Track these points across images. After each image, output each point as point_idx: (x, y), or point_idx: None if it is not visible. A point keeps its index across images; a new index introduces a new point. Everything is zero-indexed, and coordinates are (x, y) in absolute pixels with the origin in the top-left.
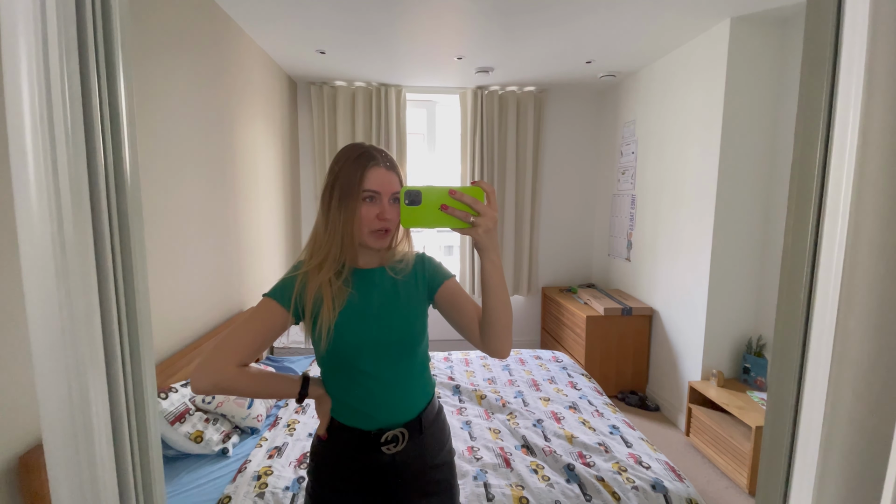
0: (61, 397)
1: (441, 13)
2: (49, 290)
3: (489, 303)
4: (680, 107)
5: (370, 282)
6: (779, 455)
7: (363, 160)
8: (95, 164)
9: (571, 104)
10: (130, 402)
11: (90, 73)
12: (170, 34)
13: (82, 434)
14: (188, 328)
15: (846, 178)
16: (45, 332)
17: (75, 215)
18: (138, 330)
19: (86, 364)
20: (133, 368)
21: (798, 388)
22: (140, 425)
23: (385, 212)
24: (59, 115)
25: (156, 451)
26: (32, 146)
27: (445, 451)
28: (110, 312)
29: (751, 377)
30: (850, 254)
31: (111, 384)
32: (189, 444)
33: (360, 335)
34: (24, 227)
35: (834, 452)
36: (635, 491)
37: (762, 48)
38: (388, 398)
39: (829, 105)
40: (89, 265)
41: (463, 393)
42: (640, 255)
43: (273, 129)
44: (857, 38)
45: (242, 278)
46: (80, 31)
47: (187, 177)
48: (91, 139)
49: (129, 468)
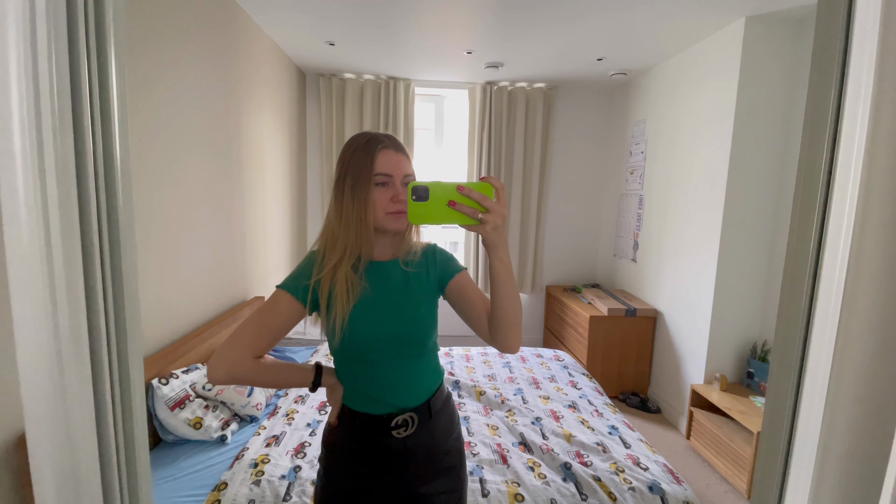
0: (45, 392)
1: (451, 7)
2: (35, 284)
3: (498, 300)
4: (691, 107)
5: (383, 275)
6: (774, 458)
7: (371, 145)
8: (84, 155)
9: (581, 102)
10: (116, 397)
11: (80, 61)
12: (178, 21)
13: (65, 430)
14: (191, 315)
15: (852, 180)
16: (30, 326)
17: (62, 207)
18: (126, 324)
19: (70, 359)
20: (119, 362)
21: (797, 391)
22: (126, 420)
23: (399, 193)
24: (46, 106)
25: (143, 451)
26: (20, 136)
27: (454, 438)
28: (96, 305)
29: (754, 382)
30: (854, 257)
31: (96, 379)
32: (188, 430)
33: (373, 328)
34: (10, 219)
35: (832, 456)
36: (632, 492)
37: (776, 48)
38: (398, 385)
39: (836, 108)
40: (76, 260)
41: (462, 388)
42: (646, 257)
43: (281, 119)
44: (867, 41)
45: (247, 267)
46: (70, 17)
47: (194, 165)
48: (80, 129)
49: (113, 464)
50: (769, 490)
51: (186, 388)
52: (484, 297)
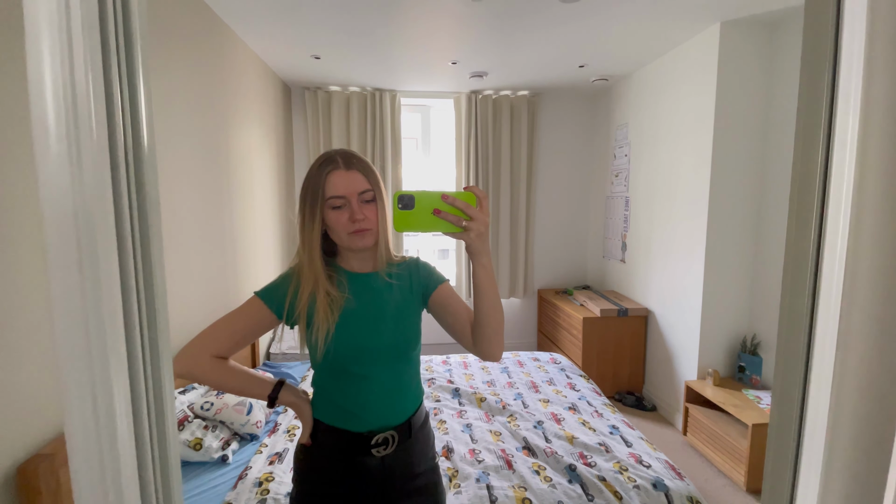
0: (83, 394)
1: (435, 19)
2: (72, 288)
3: (481, 305)
4: (672, 109)
5: (366, 287)
6: (786, 450)
7: (324, 168)
8: (116, 153)
9: (565, 108)
10: (150, 396)
11: (112, 72)
12: (163, 39)
13: (105, 429)
14: (183, 333)
15: (847, 177)
16: (67, 330)
17: (98, 205)
18: (157, 323)
19: (108, 358)
20: (152, 362)
21: (804, 385)
22: (159, 420)
23: (355, 213)
24: (83, 113)
25: (174, 450)
26: (56, 144)
27: (430, 458)
28: (131, 307)
29: (746, 375)
30: (852, 251)
31: (132, 378)
32: (188, 452)
33: (356, 341)
34: (51, 226)
35: (839, 447)
36: (637, 490)
37: (751, 51)
38: (381, 401)
39: (829, 106)
40: (112, 261)
41: (463, 396)
42: (634, 257)
43: (268, 133)
44: (855, 41)
45: (238, 283)
46: (103, 33)
47: (182, 181)
48: (113, 135)
49: (149, 464)
50: (782, 481)
51: (184, 409)
52: (467, 307)
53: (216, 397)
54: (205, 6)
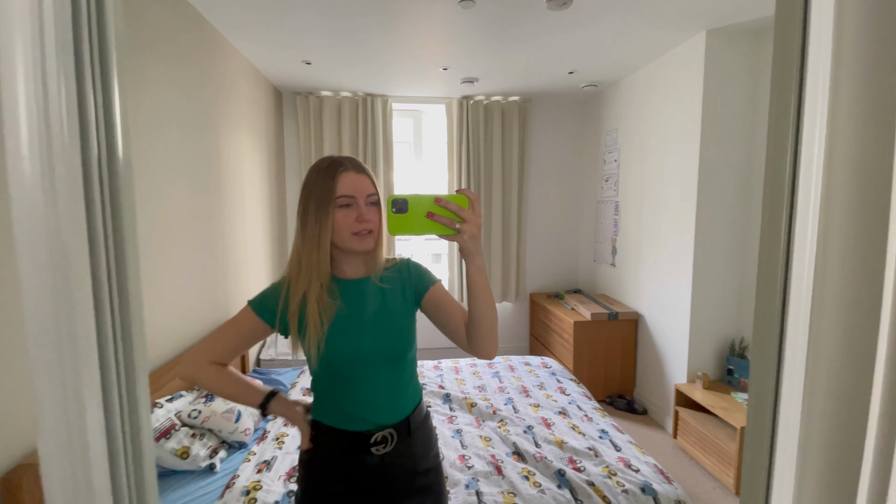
0: (56, 410)
1: (426, 25)
2: (44, 304)
3: (475, 305)
4: (660, 115)
5: (358, 292)
6: (760, 453)
7: (332, 169)
8: (90, 163)
9: (555, 113)
10: (124, 405)
11: (84, 74)
12: (153, 44)
13: (77, 445)
14: (172, 341)
15: (815, 184)
16: (38, 341)
17: (69, 204)
18: (132, 336)
19: (80, 372)
20: (127, 376)
21: (776, 388)
22: (134, 436)
23: (363, 213)
24: (56, 123)
25: (149, 462)
26: (28, 147)
27: (433, 456)
28: (105, 321)
29: (734, 378)
30: (820, 258)
31: (106, 392)
32: (175, 461)
33: (351, 346)
34: (22, 230)
35: (812, 449)
36: (625, 494)
37: (737, 59)
38: (379, 401)
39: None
40: (85, 275)
41: (453, 401)
42: (624, 261)
43: (258, 139)
44: (822, 49)
45: (228, 290)
46: (76, 32)
47: (171, 187)
48: (86, 136)
49: (123, 483)
50: (757, 482)
51: (172, 418)
52: (460, 307)
53: (204, 405)
54: (195, 12)
